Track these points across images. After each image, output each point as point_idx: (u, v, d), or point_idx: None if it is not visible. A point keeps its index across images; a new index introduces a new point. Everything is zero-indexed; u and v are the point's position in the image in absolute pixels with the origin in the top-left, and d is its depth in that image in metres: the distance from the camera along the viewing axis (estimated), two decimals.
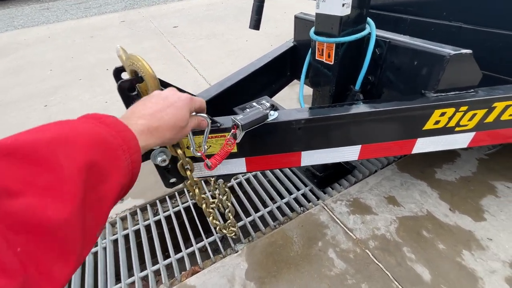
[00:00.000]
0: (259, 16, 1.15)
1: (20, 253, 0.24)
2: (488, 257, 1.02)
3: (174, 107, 0.52)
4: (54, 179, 0.29)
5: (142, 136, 0.44)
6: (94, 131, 0.36)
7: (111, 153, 0.37)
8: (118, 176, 0.37)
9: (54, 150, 0.30)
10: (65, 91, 2.64)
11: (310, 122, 0.79)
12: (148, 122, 0.47)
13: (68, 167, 0.30)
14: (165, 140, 0.50)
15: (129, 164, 0.40)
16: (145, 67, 0.58)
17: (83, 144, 0.33)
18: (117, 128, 0.40)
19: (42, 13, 6.60)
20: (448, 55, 0.75)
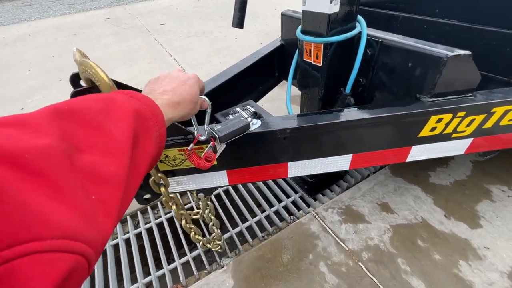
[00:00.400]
0: (242, 14, 1.06)
1: (93, 201, 0.27)
2: (486, 268, 0.97)
3: (188, 85, 0.54)
4: (110, 141, 0.32)
5: (168, 109, 0.47)
6: (132, 104, 0.39)
7: (145, 124, 0.40)
8: (150, 146, 0.40)
9: (105, 118, 0.34)
10: (44, 92, 2.50)
11: (296, 132, 0.72)
12: (171, 97, 0.49)
13: (119, 134, 0.34)
14: (185, 114, 0.53)
15: (157, 136, 0.42)
16: (99, 75, 0.49)
17: (126, 115, 0.36)
18: (147, 102, 0.42)
19: (23, 9, 6.34)
20: (446, 57, 0.69)
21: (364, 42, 0.85)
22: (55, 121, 0.29)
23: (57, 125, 0.29)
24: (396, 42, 0.81)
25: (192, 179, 0.81)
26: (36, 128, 0.27)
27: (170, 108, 0.48)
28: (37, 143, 0.25)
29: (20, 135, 0.25)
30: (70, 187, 0.25)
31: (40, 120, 0.28)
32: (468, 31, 1.18)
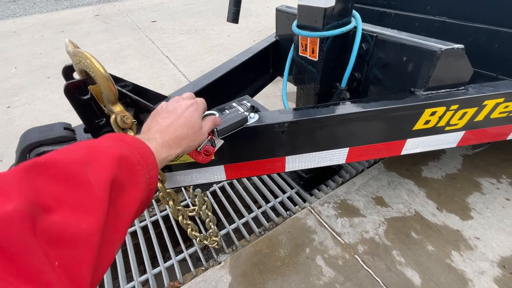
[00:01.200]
0: (238, 8, 1.05)
1: (57, 267, 0.25)
2: (477, 257, 1.00)
3: (184, 117, 0.53)
4: (84, 196, 0.30)
5: (163, 149, 0.47)
6: (116, 149, 0.38)
7: (130, 168, 0.38)
8: (137, 191, 0.39)
9: (83, 168, 0.32)
10: (31, 90, 2.43)
11: (294, 125, 0.72)
12: (164, 135, 0.49)
13: (95, 183, 0.32)
14: (184, 148, 0.52)
15: (147, 179, 0.41)
16: (94, 66, 0.48)
17: (107, 162, 0.35)
18: (136, 145, 0.42)
19: (8, 6, 6.13)
20: (439, 50, 0.70)
21: (360, 37, 0.86)
22: (27, 179, 0.28)
23: (28, 184, 0.28)
24: (391, 36, 0.82)
25: (189, 174, 0.80)
26: (5, 192, 0.26)
27: (164, 148, 0.47)
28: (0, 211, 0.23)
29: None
30: (27, 257, 0.23)
31: (12, 181, 0.27)
32: (458, 28, 1.21)
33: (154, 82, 2.44)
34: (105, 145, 0.38)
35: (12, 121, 2.02)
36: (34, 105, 2.21)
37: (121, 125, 0.56)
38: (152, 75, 2.58)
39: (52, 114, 2.07)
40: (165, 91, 2.29)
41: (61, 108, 2.15)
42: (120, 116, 0.55)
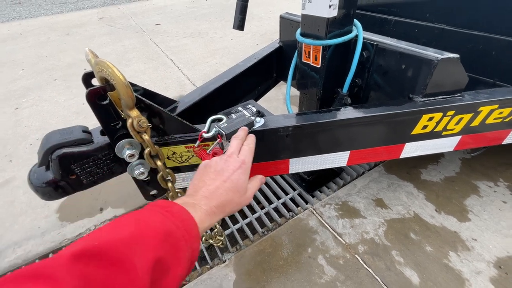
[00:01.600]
0: (243, 16, 1.10)
1: None
2: (474, 258, 1.03)
3: (231, 181, 0.53)
4: (128, 281, 0.32)
5: (206, 218, 0.47)
6: (163, 224, 0.39)
7: (175, 245, 0.39)
8: (179, 269, 0.39)
9: (131, 249, 0.33)
10: (38, 92, 2.48)
11: (298, 129, 0.76)
12: (210, 201, 0.49)
13: (140, 267, 0.33)
14: (226, 214, 0.53)
15: (189, 254, 0.41)
16: (115, 75, 0.52)
17: (153, 241, 0.36)
18: (182, 217, 0.42)
19: (13, 8, 6.21)
20: (436, 60, 0.74)
21: (361, 45, 0.90)
22: (78, 269, 0.30)
23: (80, 274, 0.29)
24: (390, 45, 0.86)
25: None
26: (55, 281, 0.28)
27: (208, 217, 0.47)
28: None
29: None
30: None
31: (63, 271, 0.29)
32: (456, 35, 1.25)
33: (159, 85, 2.48)
34: (152, 219, 0.39)
35: (20, 122, 2.07)
36: (41, 106, 2.25)
37: (137, 129, 0.61)
38: (157, 78, 2.63)
39: (59, 116, 2.12)
40: (169, 93, 2.33)
41: (68, 109, 2.19)
42: (136, 120, 0.59)
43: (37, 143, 1.83)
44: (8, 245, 1.21)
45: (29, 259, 1.15)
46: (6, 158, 1.71)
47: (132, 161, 0.67)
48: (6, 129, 2.00)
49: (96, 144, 0.66)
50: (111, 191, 1.42)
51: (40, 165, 0.63)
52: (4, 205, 1.40)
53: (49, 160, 0.61)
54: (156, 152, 0.68)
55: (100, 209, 1.35)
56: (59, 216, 1.33)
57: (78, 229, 1.26)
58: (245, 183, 0.55)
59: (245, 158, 0.58)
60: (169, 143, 0.73)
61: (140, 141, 0.64)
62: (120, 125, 0.64)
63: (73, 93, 2.42)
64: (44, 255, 1.16)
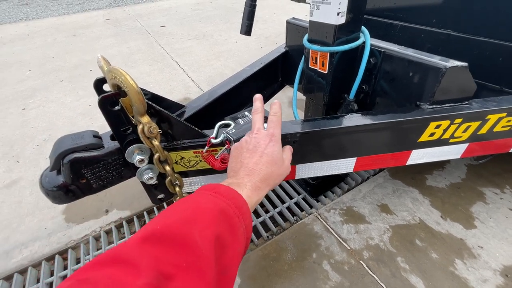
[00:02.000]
0: (251, 21, 1.11)
1: None
2: (480, 266, 1.03)
3: (266, 155, 0.54)
4: (194, 257, 0.33)
5: (253, 194, 0.48)
6: (214, 203, 0.40)
7: (229, 222, 0.40)
8: (238, 244, 0.40)
9: (190, 229, 0.35)
10: (45, 93, 2.51)
11: (305, 136, 0.76)
12: (252, 177, 0.50)
13: (203, 244, 0.34)
14: (271, 186, 0.54)
15: (244, 230, 0.42)
16: (128, 82, 0.53)
17: (210, 220, 0.37)
18: (231, 196, 0.43)
19: (20, 9, 6.29)
20: (444, 68, 0.74)
21: (368, 52, 0.90)
22: (147, 251, 0.32)
23: (149, 255, 0.31)
24: (398, 52, 0.86)
25: (204, 180, 0.84)
26: (133, 267, 0.30)
27: (254, 192, 0.48)
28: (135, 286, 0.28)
29: (123, 276, 0.29)
30: None
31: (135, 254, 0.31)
32: (463, 41, 1.25)
33: (164, 87, 2.50)
34: (205, 200, 0.41)
35: (27, 123, 2.09)
36: (48, 107, 2.28)
37: (147, 135, 0.61)
38: (162, 79, 2.65)
39: (65, 117, 2.14)
40: (174, 96, 2.35)
41: (74, 111, 2.21)
42: (147, 126, 0.60)
43: (43, 144, 1.85)
44: (15, 246, 1.22)
45: (35, 260, 1.16)
46: (13, 159, 1.73)
47: (142, 166, 0.68)
48: (14, 129, 2.02)
49: (106, 149, 0.67)
50: (117, 193, 1.43)
51: (52, 169, 0.64)
52: (12, 205, 1.41)
53: (61, 164, 0.62)
54: (165, 157, 0.68)
55: (106, 211, 1.36)
56: (66, 217, 1.34)
57: (84, 231, 1.27)
58: (280, 154, 0.56)
59: (273, 130, 0.59)
60: (177, 148, 0.74)
61: (150, 146, 0.65)
62: (130, 130, 0.65)
63: (79, 95, 2.44)
64: (50, 257, 1.18)
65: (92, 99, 2.35)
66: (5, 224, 1.32)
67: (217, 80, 2.50)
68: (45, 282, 1.08)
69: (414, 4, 1.39)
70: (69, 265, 1.13)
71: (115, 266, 0.30)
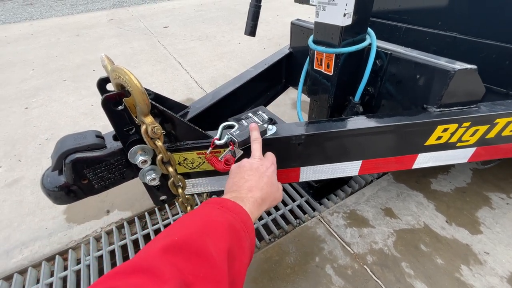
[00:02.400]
0: (255, 22, 1.10)
1: None
2: (486, 272, 1.01)
3: (267, 176, 0.57)
4: (210, 268, 0.35)
5: (254, 209, 0.50)
6: (225, 218, 0.42)
7: (237, 235, 0.42)
8: (245, 257, 0.42)
9: (205, 241, 0.37)
10: (47, 92, 2.51)
11: (311, 138, 0.75)
12: (255, 194, 0.52)
13: (217, 256, 0.36)
14: (268, 206, 0.56)
15: (249, 243, 0.44)
16: (132, 82, 0.52)
17: (221, 233, 0.39)
18: (236, 211, 0.46)
19: (25, 8, 6.33)
20: (453, 70, 0.73)
21: (374, 54, 0.89)
22: (170, 258, 0.34)
23: (171, 263, 0.33)
24: (405, 54, 0.85)
25: (206, 182, 0.83)
26: (157, 276, 0.31)
27: (255, 208, 0.51)
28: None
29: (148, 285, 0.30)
30: None
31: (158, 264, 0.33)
32: (469, 44, 1.23)
33: (166, 87, 2.50)
34: (215, 213, 0.43)
35: (30, 122, 2.09)
36: (50, 107, 2.28)
37: (151, 135, 0.60)
38: (165, 80, 2.64)
39: (68, 116, 2.14)
40: (177, 96, 2.34)
41: (77, 110, 2.21)
42: (151, 127, 0.59)
43: (45, 143, 1.84)
44: (16, 246, 1.21)
45: (35, 260, 1.15)
46: (15, 158, 1.72)
47: (144, 167, 0.67)
48: (16, 128, 2.02)
49: (109, 149, 0.66)
50: (118, 193, 1.42)
51: (54, 169, 0.63)
52: (13, 204, 1.40)
53: (63, 164, 0.61)
54: (168, 158, 0.67)
55: (107, 212, 1.35)
56: (66, 217, 1.33)
57: (84, 231, 1.26)
58: (276, 180, 0.60)
59: (273, 159, 0.65)
60: (180, 149, 0.73)
61: (153, 147, 0.64)
62: (133, 130, 0.64)
63: (81, 94, 2.44)
64: (51, 257, 1.17)
65: (95, 99, 2.35)
66: (5, 223, 1.31)
67: (219, 81, 2.49)
68: (44, 283, 1.07)
69: (419, 7, 1.38)
70: (69, 266, 1.12)
71: (140, 275, 0.31)
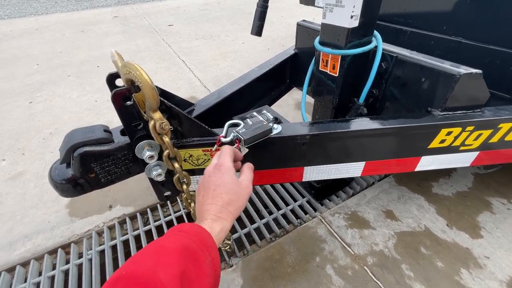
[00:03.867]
0: (262, 22, 1.11)
1: None
2: (486, 276, 1.01)
3: (219, 186, 0.55)
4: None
5: (215, 224, 0.50)
6: (178, 242, 0.43)
7: (194, 256, 0.42)
8: (204, 277, 0.42)
9: (155, 272, 0.37)
10: (51, 87, 2.52)
11: (315, 138, 0.76)
12: (211, 211, 0.52)
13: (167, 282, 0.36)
14: (234, 214, 0.55)
15: (210, 262, 0.44)
16: (143, 77, 0.53)
17: (173, 259, 0.40)
18: (193, 232, 0.46)
19: (30, 3, 6.36)
20: (458, 74, 0.73)
21: (380, 56, 0.90)
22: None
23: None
24: (411, 57, 0.86)
25: None
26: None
27: (215, 222, 0.50)
28: None
29: None
30: None
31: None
32: (473, 49, 1.24)
33: (170, 85, 2.51)
34: (168, 241, 0.43)
35: (34, 116, 2.10)
36: (54, 102, 2.29)
37: (159, 131, 0.61)
38: (168, 78, 2.65)
39: (71, 112, 2.15)
40: (181, 94, 2.33)
41: (80, 106, 2.22)
42: (159, 122, 0.60)
43: (49, 138, 1.85)
44: (18, 238, 1.22)
45: (38, 253, 1.16)
46: (19, 151, 1.73)
47: (151, 162, 0.68)
48: (20, 122, 2.03)
49: (116, 143, 0.67)
50: (121, 189, 1.43)
51: (62, 162, 0.64)
52: (16, 197, 1.41)
53: (71, 157, 0.62)
54: (174, 154, 0.68)
55: (109, 207, 1.36)
56: (69, 211, 1.34)
57: (87, 225, 1.27)
58: (232, 179, 0.56)
59: (219, 160, 0.60)
60: (186, 146, 0.74)
61: (160, 143, 0.64)
62: (141, 125, 0.65)
63: (85, 90, 2.46)
64: (53, 250, 1.17)
65: (99, 95, 2.36)
66: (9, 215, 1.32)
67: (223, 80, 2.50)
68: (47, 275, 1.08)
69: (425, 11, 1.39)
70: (71, 259, 1.13)
71: None
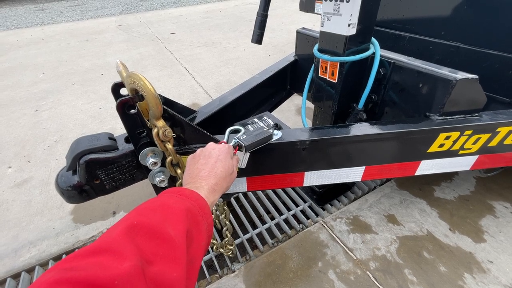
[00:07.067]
0: (262, 31, 1.13)
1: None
2: (490, 281, 1.01)
3: (220, 160, 0.59)
4: (169, 248, 0.38)
5: (210, 195, 0.53)
6: (182, 204, 0.46)
7: (195, 219, 0.46)
8: (202, 238, 0.46)
9: (164, 224, 0.40)
10: (57, 96, 2.57)
11: (315, 143, 0.77)
12: (209, 181, 0.55)
13: (176, 236, 0.40)
14: (224, 190, 0.59)
15: (206, 227, 0.48)
16: (147, 87, 0.55)
17: (180, 217, 0.43)
18: (194, 197, 0.49)
19: (36, 14, 6.51)
20: (455, 80, 0.75)
21: (377, 63, 0.92)
22: (130, 239, 0.36)
23: (132, 243, 0.36)
24: (408, 63, 0.87)
25: None
26: (118, 254, 0.33)
27: (211, 193, 0.54)
28: (122, 268, 0.31)
29: (109, 262, 0.32)
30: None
31: (119, 244, 0.35)
32: (472, 54, 1.25)
33: (173, 92, 2.54)
34: (173, 201, 0.46)
35: (39, 124, 2.14)
36: (60, 109, 2.33)
37: (162, 138, 0.63)
38: (171, 85, 2.69)
39: (76, 119, 2.19)
40: (183, 101, 2.38)
41: (85, 113, 2.26)
42: (162, 130, 0.62)
43: (54, 145, 1.88)
44: (24, 245, 1.24)
45: (43, 259, 1.17)
46: (25, 159, 1.76)
47: (154, 168, 0.70)
48: (26, 130, 2.07)
49: (120, 151, 0.69)
50: (124, 195, 1.44)
51: (68, 169, 0.66)
52: (22, 204, 1.44)
53: (78, 164, 0.64)
54: (177, 160, 0.70)
55: (113, 213, 1.37)
56: (74, 217, 1.36)
57: (91, 231, 1.28)
58: (231, 162, 0.62)
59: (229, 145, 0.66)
60: (188, 152, 0.75)
61: (163, 149, 0.66)
62: (145, 133, 0.67)
63: (90, 98, 2.50)
64: (58, 256, 1.19)
65: (103, 103, 2.40)
66: (14, 222, 1.34)
67: (225, 87, 2.54)
68: None
69: (423, 16, 1.41)
70: None
71: (100, 255, 0.33)
